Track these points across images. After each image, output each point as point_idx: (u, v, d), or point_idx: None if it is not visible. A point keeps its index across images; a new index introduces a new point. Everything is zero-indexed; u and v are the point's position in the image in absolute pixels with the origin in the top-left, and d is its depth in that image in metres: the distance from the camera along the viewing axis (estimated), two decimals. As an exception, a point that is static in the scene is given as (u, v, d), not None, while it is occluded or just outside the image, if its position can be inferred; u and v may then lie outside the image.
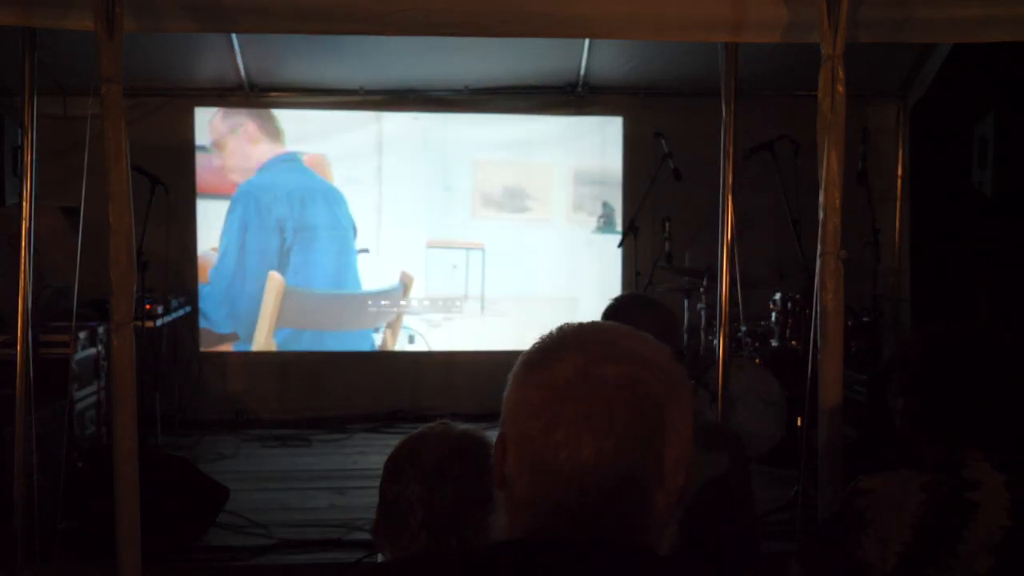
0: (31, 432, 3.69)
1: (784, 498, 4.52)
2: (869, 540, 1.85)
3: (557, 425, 1.02)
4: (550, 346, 1.09)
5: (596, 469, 1.00)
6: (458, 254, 6.87)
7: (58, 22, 3.47)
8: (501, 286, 6.89)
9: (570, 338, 1.09)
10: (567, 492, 1.01)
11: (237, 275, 6.63)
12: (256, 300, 6.63)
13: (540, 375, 1.05)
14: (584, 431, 1.01)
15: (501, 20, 3.65)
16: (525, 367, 1.08)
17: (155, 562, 3.64)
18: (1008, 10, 3.59)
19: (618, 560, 1.01)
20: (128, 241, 3.32)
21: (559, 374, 1.04)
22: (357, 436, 6.31)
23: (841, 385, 3.37)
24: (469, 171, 6.83)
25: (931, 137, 6.35)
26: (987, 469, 1.86)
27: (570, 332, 1.10)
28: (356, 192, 6.76)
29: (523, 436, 1.04)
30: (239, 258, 6.62)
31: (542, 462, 1.02)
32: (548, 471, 1.02)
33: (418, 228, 6.83)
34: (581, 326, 1.11)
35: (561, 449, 1.01)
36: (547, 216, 6.89)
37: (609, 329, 1.11)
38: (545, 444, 1.02)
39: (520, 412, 1.05)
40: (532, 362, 1.08)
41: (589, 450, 1.00)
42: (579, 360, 1.04)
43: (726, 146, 4.17)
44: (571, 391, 1.02)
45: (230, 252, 6.61)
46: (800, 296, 5.44)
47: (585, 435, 1.01)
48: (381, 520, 1.69)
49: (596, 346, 1.06)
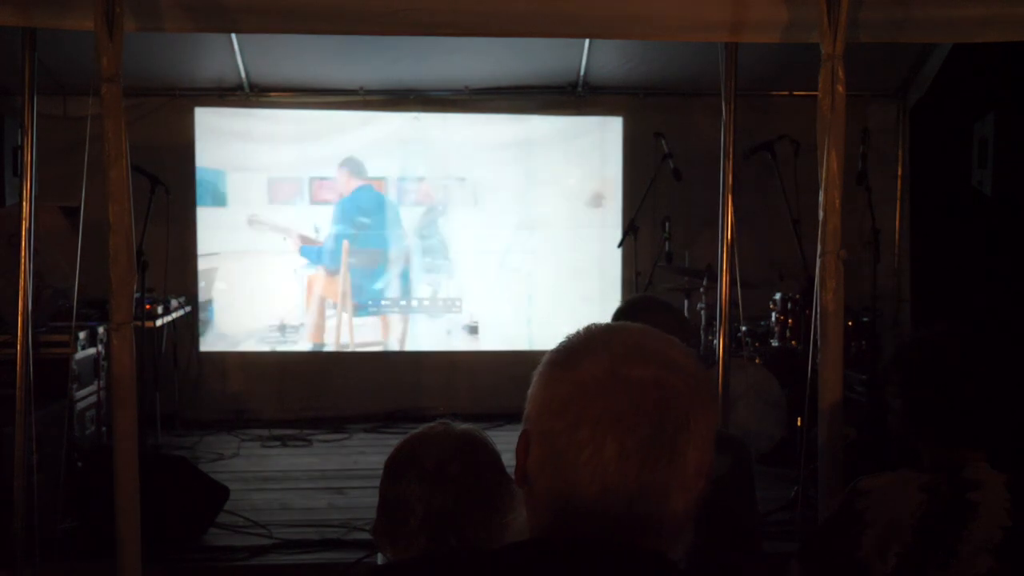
0: (31, 432, 3.69)
1: (784, 498, 4.52)
2: (869, 540, 1.85)
3: (581, 424, 1.01)
4: (577, 345, 1.08)
5: (618, 469, 1.00)
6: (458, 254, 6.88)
7: (58, 22, 3.47)
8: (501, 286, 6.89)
9: (598, 338, 1.08)
10: (588, 491, 1.01)
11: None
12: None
13: (567, 374, 1.05)
14: (608, 431, 1.01)
15: (501, 20, 3.65)
16: (551, 365, 1.08)
17: (155, 562, 3.64)
18: (1008, 10, 3.59)
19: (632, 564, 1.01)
20: (128, 241, 3.32)
21: (586, 373, 1.04)
22: (357, 436, 6.30)
23: (841, 385, 3.37)
24: (469, 171, 6.83)
25: (931, 137, 6.35)
26: (987, 469, 1.86)
27: (598, 332, 1.10)
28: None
29: (546, 434, 1.04)
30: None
31: (564, 460, 1.02)
32: (570, 469, 1.01)
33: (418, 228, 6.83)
34: (609, 326, 1.11)
35: (584, 448, 1.01)
36: (547, 216, 6.88)
37: (637, 331, 1.10)
38: (568, 442, 1.02)
39: (544, 410, 1.05)
40: (559, 361, 1.08)
41: (612, 450, 1.00)
42: (606, 360, 1.04)
43: (726, 146, 4.17)
44: (597, 391, 1.02)
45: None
46: (800, 296, 5.44)
47: (609, 435, 1.00)
48: (381, 520, 1.69)
49: (624, 347, 1.06)
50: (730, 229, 4.18)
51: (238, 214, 6.68)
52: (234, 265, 6.72)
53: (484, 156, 6.82)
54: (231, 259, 6.71)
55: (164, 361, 6.17)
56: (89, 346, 5.05)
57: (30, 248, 3.77)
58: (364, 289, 6.81)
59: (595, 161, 6.90)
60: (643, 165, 6.31)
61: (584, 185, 6.91)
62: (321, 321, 6.79)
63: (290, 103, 6.70)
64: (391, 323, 6.86)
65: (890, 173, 6.59)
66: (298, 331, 6.76)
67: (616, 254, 6.64)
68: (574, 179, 6.91)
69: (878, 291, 5.64)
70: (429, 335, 6.88)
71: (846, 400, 3.58)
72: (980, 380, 1.93)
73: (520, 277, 6.89)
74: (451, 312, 6.88)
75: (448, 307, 6.88)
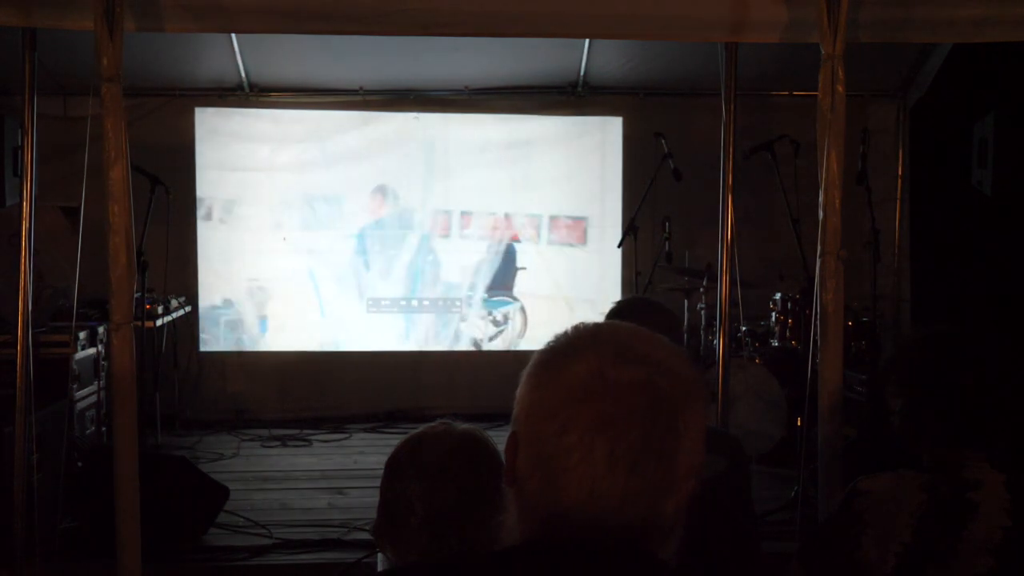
0: (31, 432, 3.69)
1: (784, 498, 4.53)
2: (869, 540, 1.85)
3: (570, 428, 1.01)
4: (565, 347, 1.07)
5: (608, 473, 1.00)
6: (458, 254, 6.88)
7: (58, 22, 3.48)
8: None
9: (586, 339, 1.07)
10: (577, 495, 1.00)
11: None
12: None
13: (555, 376, 1.04)
14: (597, 435, 1.00)
15: (501, 20, 3.65)
16: (540, 367, 1.07)
17: (155, 562, 3.64)
18: (1008, 10, 3.59)
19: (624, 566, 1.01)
20: (128, 241, 3.32)
21: (574, 376, 1.03)
22: (357, 436, 6.31)
23: (841, 385, 3.37)
24: (469, 171, 6.83)
25: (931, 137, 6.35)
26: (987, 469, 1.86)
27: (585, 333, 1.08)
28: (355, 192, 6.76)
29: (535, 437, 1.03)
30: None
31: (554, 464, 1.01)
32: (559, 473, 1.01)
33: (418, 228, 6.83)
34: (597, 326, 1.10)
35: (573, 452, 1.00)
36: (547, 216, 6.88)
37: (625, 330, 1.09)
38: (557, 446, 1.01)
39: (533, 413, 1.05)
40: (547, 363, 1.07)
41: (601, 454, 1.00)
42: (594, 362, 1.03)
43: (726, 146, 4.17)
44: (586, 394, 1.01)
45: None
46: (800, 296, 5.43)
47: (598, 439, 1.00)
48: (382, 519, 1.69)
49: (611, 348, 1.05)
50: (730, 229, 4.18)
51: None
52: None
53: (484, 156, 6.81)
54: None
55: (164, 361, 6.18)
56: (89, 346, 5.04)
57: (30, 248, 3.77)
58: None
59: (595, 161, 6.90)
60: (643, 165, 6.31)
61: (584, 185, 6.91)
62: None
63: (290, 103, 6.69)
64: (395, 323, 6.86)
65: (890, 173, 6.60)
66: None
67: (616, 254, 6.64)
68: (574, 179, 6.90)
69: (878, 291, 5.65)
70: (429, 335, 6.88)
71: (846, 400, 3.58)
72: (979, 380, 1.93)
73: (520, 276, 6.89)
74: (452, 312, 6.87)
75: (448, 307, 6.87)
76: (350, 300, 6.79)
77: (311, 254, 6.75)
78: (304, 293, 6.76)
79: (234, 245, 6.68)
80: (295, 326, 6.76)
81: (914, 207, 6.57)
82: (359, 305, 6.80)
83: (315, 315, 6.78)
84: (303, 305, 6.76)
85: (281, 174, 6.71)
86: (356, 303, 6.79)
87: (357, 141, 6.75)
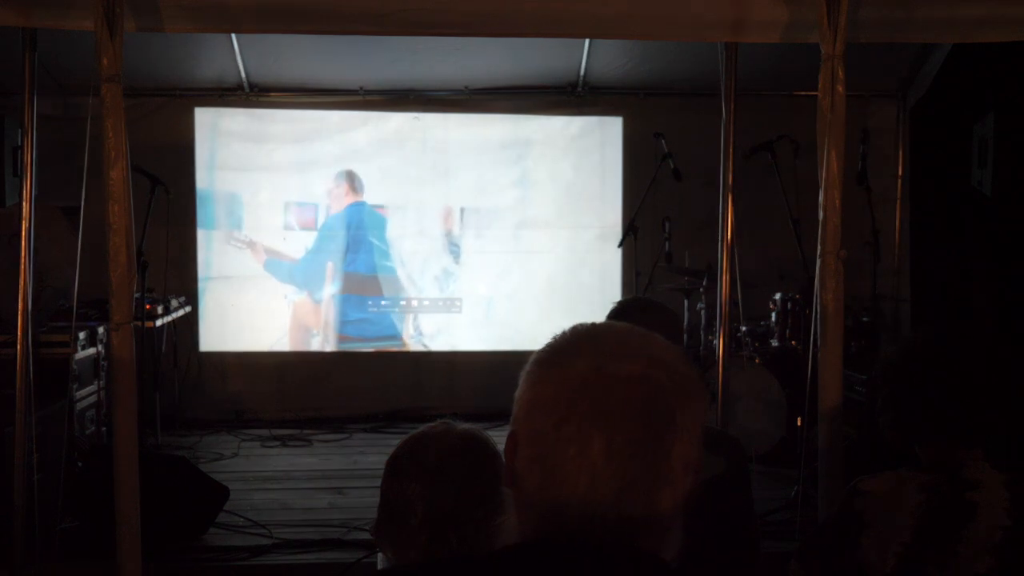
0: (31, 432, 3.69)
1: (784, 498, 4.53)
2: (869, 541, 1.85)
3: (568, 421, 1.01)
4: (564, 345, 1.09)
5: (604, 466, 1.00)
6: (458, 254, 6.88)
7: (58, 22, 3.47)
8: (501, 286, 6.89)
9: (584, 337, 1.09)
10: (575, 489, 1.01)
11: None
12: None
13: (553, 373, 1.05)
14: (594, 428, 1.01)
15: (501, 20, 3.65)
16: (538, 365, 1.08)
17: (155, 562, 3.64)
18: (1008, 10, 3.59)
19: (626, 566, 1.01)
20: (128, 241, 3.33)
21: (572, 372, 1.04)
22: (357, 436, 6.31)
23: (841, 385, 3.37)
24: (469, 171, 6.83)
25: (931, 137, 6.35)
26: (987, 469, 1.86)
27: (583, 332, 1.10)
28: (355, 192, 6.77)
29: (534, 433, 1.04)
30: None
31: (551, 458, 1.02)
32: (557, 467, 1.01)
33: (418, 227, 6.84)
34: (595, 326, 1.11)
35: (571, 445, 1.01)
36: (547, 216, 6.88)
37: (622, 329, 1.11)
38: (555, 440, 1.02)
39: (532, 409, 1.05)
40: (545, 360, 1.08)
41: (598, 447, 1.00)
42: (592, 358, 1.04)
43: (726, 146, 4.17)
44: (584, 389, 1.02)
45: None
46: (800, 296, 5.44)
47: (595, 431, 1.01)
48: (382, 519, 1.69)
49: (609, 345, 1.06)
50: (730, 229, 4.18)
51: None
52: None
53: (484, 156, 6.82)
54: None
55: (164, 361, 6.18)
56: (89, 346, 5.05)
57: (30, 248, 3.77)
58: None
59: (595, 161, 6.90)
60: (643, 165, 6.32)
61: (584, 185, 6.91)
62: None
63: (290, 103, 6.70)
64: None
65: (890, 173, 6.60)
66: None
67: (616, 254, 6.64)
68: (574, 179, 6.90)
69: (878, 291, 5.65)
70: (430, 335, 6.88)
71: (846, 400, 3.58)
72: (978, 379, 1.92)
73: (520, 277, 6.89)
74: (451, 312, 6.88)
75: (448, 307, 6.87)
76: (350, 300, 6.78)
77: (311, 254, 6.75)
78: (304, 292, 6.76)
79: (234, 245, 6.68)
80: (295, 325, 6.76)
81: (914, 207, 6.57)
82: (359, 305, 6.80)
83: (315, 315, 6.78)
84: (303, 304, 6.76)
85: (281, 174, 6.71)
86: (356, 303, 6.79)
87: (357, 141, 6.75)
